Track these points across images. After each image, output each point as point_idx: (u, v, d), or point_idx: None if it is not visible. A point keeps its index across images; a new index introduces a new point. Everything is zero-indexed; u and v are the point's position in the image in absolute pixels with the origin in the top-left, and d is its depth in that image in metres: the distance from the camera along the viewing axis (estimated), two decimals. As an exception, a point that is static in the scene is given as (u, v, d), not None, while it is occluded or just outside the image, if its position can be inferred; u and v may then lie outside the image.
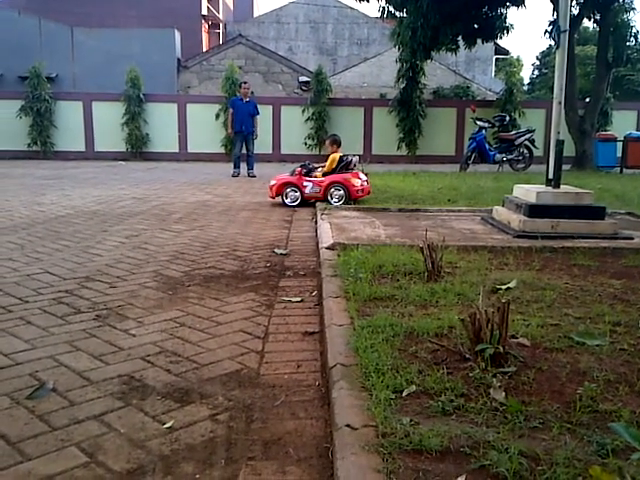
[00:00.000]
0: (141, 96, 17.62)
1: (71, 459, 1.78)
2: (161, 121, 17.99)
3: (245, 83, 12.97)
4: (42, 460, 1.77)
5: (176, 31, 21.04)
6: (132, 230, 5.83)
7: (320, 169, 7.86)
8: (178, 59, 21.20)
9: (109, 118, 17.76)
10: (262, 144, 18.40)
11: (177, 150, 18.12)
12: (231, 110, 12.57)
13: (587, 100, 16.04)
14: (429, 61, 17.05)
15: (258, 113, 12.68)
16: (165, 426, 1.98)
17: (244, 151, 12.55)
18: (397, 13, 15.58)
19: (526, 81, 42.32)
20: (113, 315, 3.17)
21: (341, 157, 7.79)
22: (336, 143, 8.01)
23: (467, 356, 2.31)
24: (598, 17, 14.60)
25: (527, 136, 13.75)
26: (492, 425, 1.81)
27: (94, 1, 24.66)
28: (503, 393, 2.00)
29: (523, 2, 14.89)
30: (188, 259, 4.56)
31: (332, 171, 7.68)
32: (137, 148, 17.80)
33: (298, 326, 2.99)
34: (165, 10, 24.38)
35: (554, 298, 3.20)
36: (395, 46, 16.25)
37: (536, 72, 43.91)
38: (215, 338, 2.82)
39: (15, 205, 7.56)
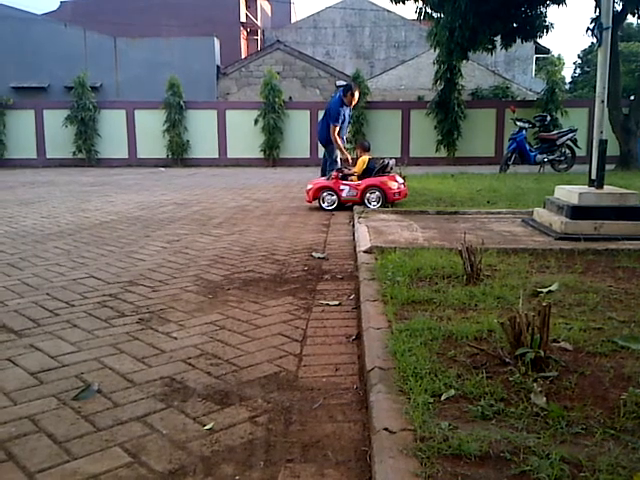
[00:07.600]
0: (181, 103, 17.97)
1: (115, 459, 1.83)
2: (201, 128, 18.30)
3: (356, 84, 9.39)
4: (87, 459, 1.83)
5: (215, 39, 21.41)
6: (173, 235, 5.94)
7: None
8: (217, 66, 21.55)
9: (151, 125, 18.16)
10: (300, 148, 18.55)
11: (217, 156, 18.39)
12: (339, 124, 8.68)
13: (632, 98, 15.60)
14: (467, 62, 16.89)
15: None
16: (205, 428, 2.01)
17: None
18: (434, 14, 15.44)
19: (568, 80, 41.45)
20: (155, 318, 3.24)
21: (370, 160, 7.83)
22: (363, 147, 8.31)
23: (507, 360, 2.27)
24: (642, 12, 14.20)
25: (569, 136, 13.46)
26: (533, 430, 1.78)
27: (136, 12, 25.30)
28: (544, 398, 1.97)
29: (564, 0, 14.59)
30: (228, 263, 4.62)
31: (367, 174, 7.69)
32: (178, 155, 18.15)
33: (336, 329, 3.00)
34: (205, 18, 24.83)
35: (597, 301, 3.13)
36: (431, 47, 16.13)
37: (578, 70, 42.97)
38: (254, 341, 2.85)
39: (61, 212, 7.79)
